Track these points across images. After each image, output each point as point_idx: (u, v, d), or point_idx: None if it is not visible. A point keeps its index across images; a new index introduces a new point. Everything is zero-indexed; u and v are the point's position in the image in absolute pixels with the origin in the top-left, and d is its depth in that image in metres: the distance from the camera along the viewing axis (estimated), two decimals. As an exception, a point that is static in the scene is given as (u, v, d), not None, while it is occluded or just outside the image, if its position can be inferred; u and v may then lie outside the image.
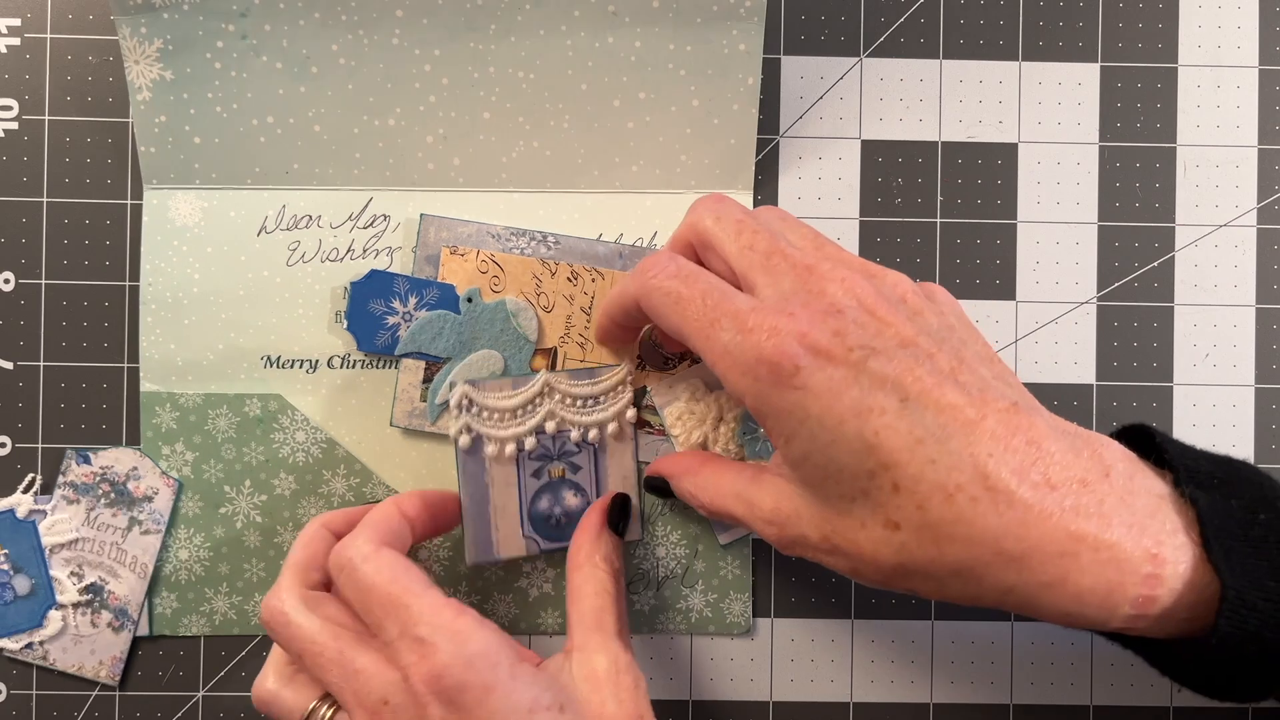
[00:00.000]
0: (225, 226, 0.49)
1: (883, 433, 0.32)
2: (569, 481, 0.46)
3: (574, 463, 0.46)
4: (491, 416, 0.45)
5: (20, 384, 0.50)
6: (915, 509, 0.32)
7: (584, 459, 0.46)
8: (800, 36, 0.51)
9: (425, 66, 0.48)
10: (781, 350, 0.34)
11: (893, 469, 0.32)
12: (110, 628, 0.50)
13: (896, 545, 0.33)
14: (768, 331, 0.34)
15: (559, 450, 0.46)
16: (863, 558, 0.34)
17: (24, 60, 0.50)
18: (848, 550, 0.35)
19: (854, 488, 0.33)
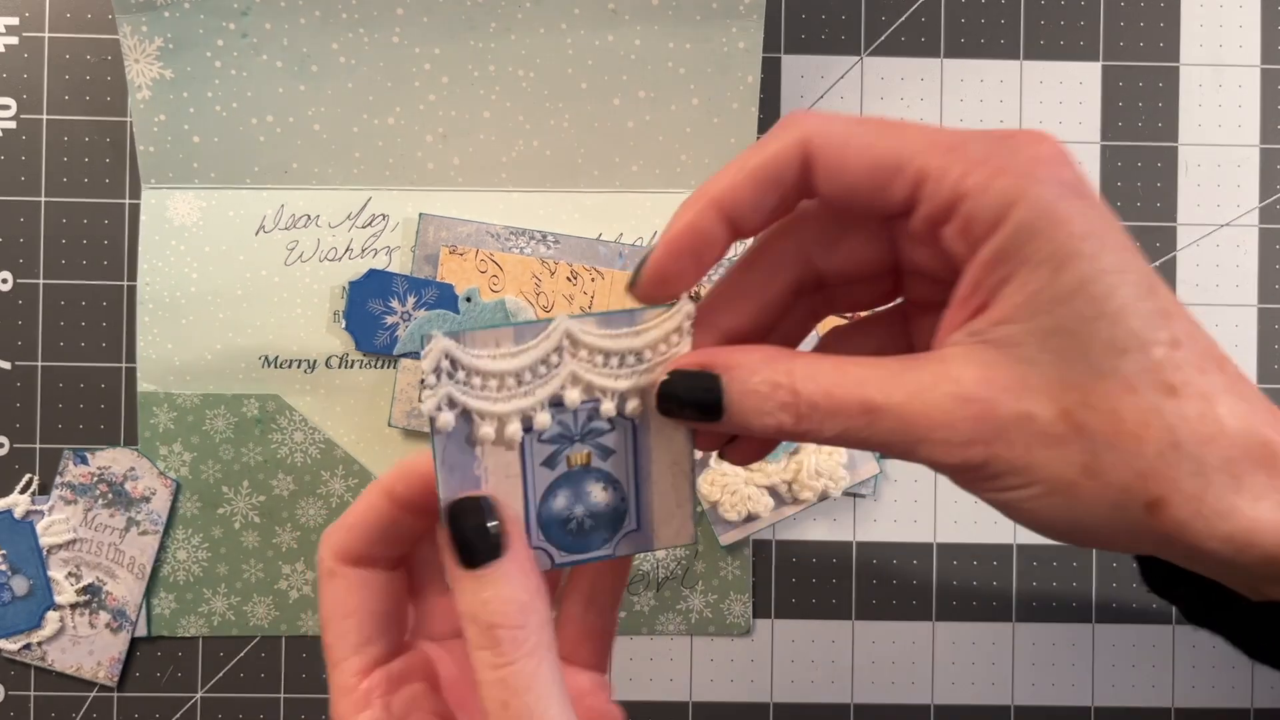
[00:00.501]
0: (224, 226, 0.49)
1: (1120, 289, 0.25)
2: (596, 470, 0.33)
3: (604, 445, 0.32)
4: (485, 384, 0.31)
5: (18, 384, 0.50)
6: (1197, 371, 0.25)
7: (618, 440, 0.32)
8: (801, 35, 0.51)
9: (425, 65, 0.48)
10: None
11: (1179, 315, 0.25)
12: (108, 628, 0.49)
13: (1174, 418, 0.25)
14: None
15: (583, 429, 0.32)
16: (1121, 435, 0.25)
17: (22, 59, 0.50)
18: (1099, 428, 0.25)
19: (1129, 337, 0.25)
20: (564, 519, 0.32)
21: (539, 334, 0.31)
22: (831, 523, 0.51)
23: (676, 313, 0.31)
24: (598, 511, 0.33)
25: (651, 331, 0.31)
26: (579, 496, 0.33)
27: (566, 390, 0.31)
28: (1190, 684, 0.51)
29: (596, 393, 0.32)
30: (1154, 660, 0.51)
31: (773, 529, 0.50)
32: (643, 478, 0.33)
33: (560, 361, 0.31)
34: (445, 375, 0.30)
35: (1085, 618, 0.51)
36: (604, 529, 0.33)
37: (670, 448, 0.33)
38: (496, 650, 0.28)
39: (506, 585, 0.28)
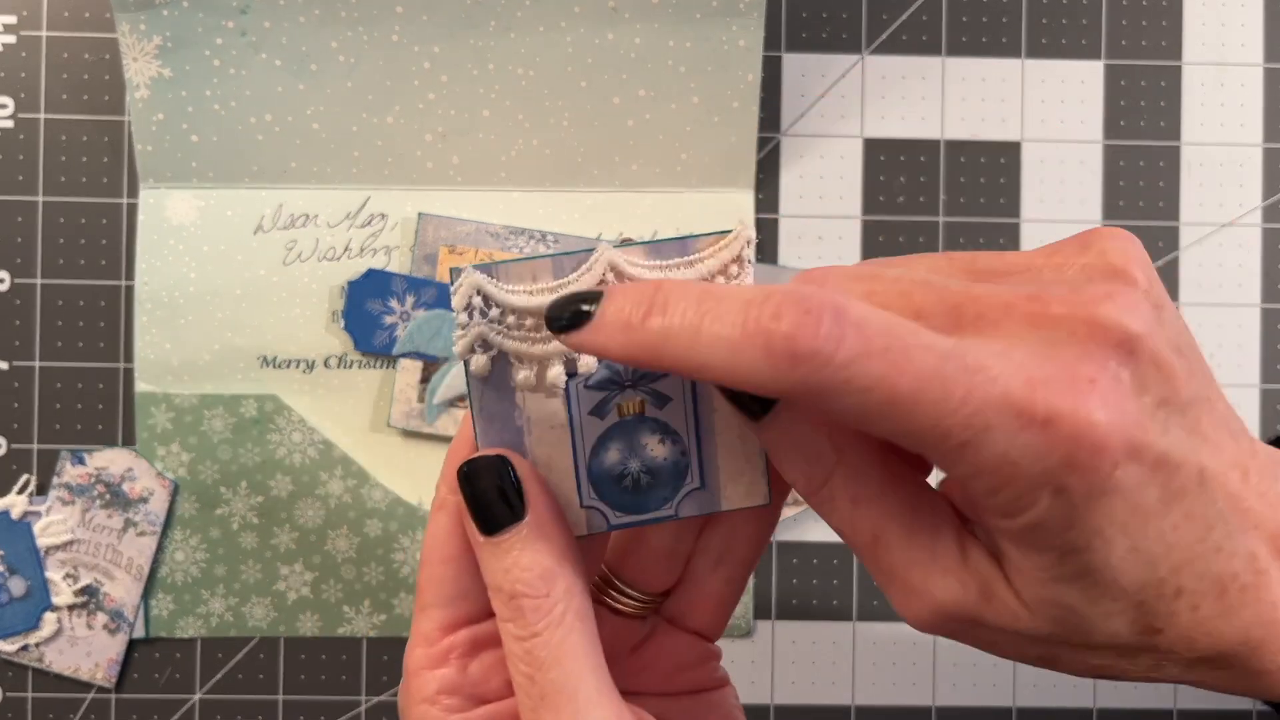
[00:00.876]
0: (222, 225, 0.49)
1: (1181, 526, 0.24)
2: (652, 420, 0.29)
3: (659, 391, 0.29)
4: (521, 323, 0.28)
5: (15, 384, 0.50)
6: (1188, 610, 0.24)
7: (674, 385, 0.29)
8: (801, 33, 0.51)
9: (425, 64, 0.48)
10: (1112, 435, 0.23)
11: (1182, 570, 0.24)
12: (106, 630, 0.49)
13: (1149, 651, 0.25)
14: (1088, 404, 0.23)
15: (633, 373, 0.29)
16: (1090, 659, 0.25)
17: (19, 58, 0.50)
18: (1066, 658, 0.25)
19: (1129, 602, 0.24)
20: (618, 474, 0.29)
21: (580, 266, 0.27)
22: (832, 523, 0.50)
23: (735, 239, 0.28)
24: (655, 466, 0.29)
25: (708, 261, 0.28)
26: (634, 449, 0.29)
27: None
28: (1193, 685, 0.50)
29: None
30: (1156, 662, 0.51)
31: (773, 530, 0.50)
32: (705, 429, 0.29)
33: None
34: (478, 313, 0.27)
35: (1087, 619, 0.51)
36: (664, 486, 0.29)
37: None
38: (520, 621, 0.26)
39: (527, 551, 0.26)
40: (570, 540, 0.27)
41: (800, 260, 0.50)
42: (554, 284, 0.27)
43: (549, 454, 0.29)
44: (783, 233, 0.50)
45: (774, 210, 0.50)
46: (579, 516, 0.29)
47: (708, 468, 0.29)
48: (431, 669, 0.28)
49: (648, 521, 0.29)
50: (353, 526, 0.49)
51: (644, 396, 0.29)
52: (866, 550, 0.25)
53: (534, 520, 0.26)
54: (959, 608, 0.25)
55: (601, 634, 0.29)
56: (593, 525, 0.29)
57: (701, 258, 0.28)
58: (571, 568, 0.26)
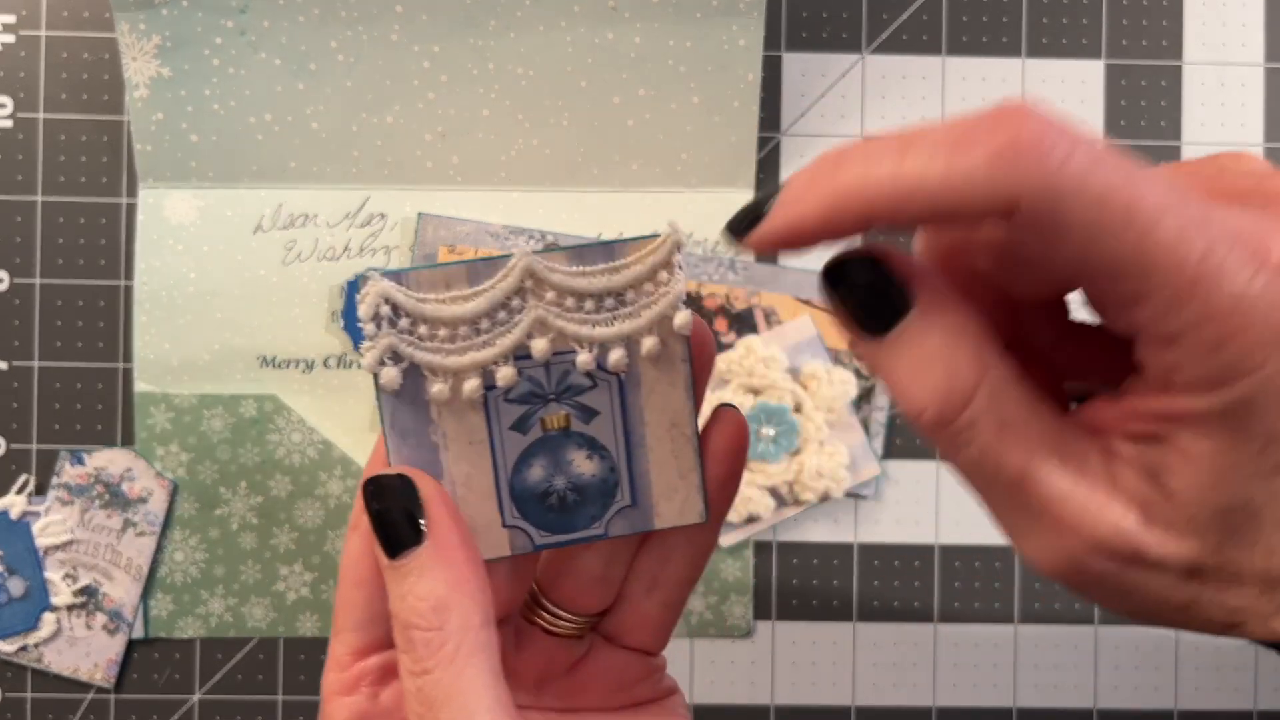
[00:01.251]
0: (221, 225, 0.49)
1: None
2: (578, 435, 0.27)
3: (585, 405, 0.27)
4: (434, 333, 0.26)
5: (14, 384, 0.50)
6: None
7: (601, 398, 0.27)
8: (802, 33, 0.51)
9: (424, 63, 0.48)
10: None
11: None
12: (105, 630, 0.49)
13: None
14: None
15: (558, 386, 0.27)
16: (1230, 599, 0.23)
17: (18, 57, 0.50)
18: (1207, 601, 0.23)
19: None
20: (543, 492, 0.27)
21: (497, 271, 0.26)
22: (833, 524, 0.50)
23: (663, 244, 0.26)
24: (582, 484, 0.27)
25: (634, 267, 0.26)
26: (559, 466, 0.27)
27: (533, 340, 0.26)
28: (1194, 685, 0.50)
29: (571, 343, 0.26)
30: (1157, 662, 0.50)
31: (774, 530, 0.50)
32: (635, 444, 0.28)
33: (524, 306, 0.26)
34: (386, 323, 0.25)
35: (1088, 619, 0.50)
36: (592, 504, 0.28)
37: (668, 407, 0.27)
38: (412, 655, 0.24)
39: (424, 579, 0.24)
40: (474, 569, 0.25)
41: (800, 260, 0.50)
42: (468, 291, 0.26)
43: (468, 471, 0.27)
44: (783, 232, 0.50)
45: (774, 210, 0.50)
46: (501, 537, 0.27)
47: (639, 484, 0.28)
48: (343, 695, 0.26)
49: (576, 541, 0.28)
50: (352, 527, 0.49)
51: (569, 410, 0.27)
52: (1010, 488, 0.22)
53: (433, 546, 0.24)
54: (1120, 539, 0.21)
55: (535, 653, 0.28)
56: (516, 546, 0.27)
57: (628, 263, 0.26)
58: (471, 599, 0.24)
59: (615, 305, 0.26)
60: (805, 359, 0.49)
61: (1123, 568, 0.22)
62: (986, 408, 0.21)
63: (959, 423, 0.21)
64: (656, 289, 0.26)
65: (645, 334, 0.26)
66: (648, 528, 0.28)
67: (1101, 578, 0.22)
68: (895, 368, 0.22)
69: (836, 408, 0.49)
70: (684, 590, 0.29)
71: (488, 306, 0.26)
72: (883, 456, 0.50)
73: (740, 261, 0.49)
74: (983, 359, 0.21)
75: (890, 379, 0.22)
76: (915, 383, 0.21)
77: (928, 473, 0.50)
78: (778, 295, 0.49)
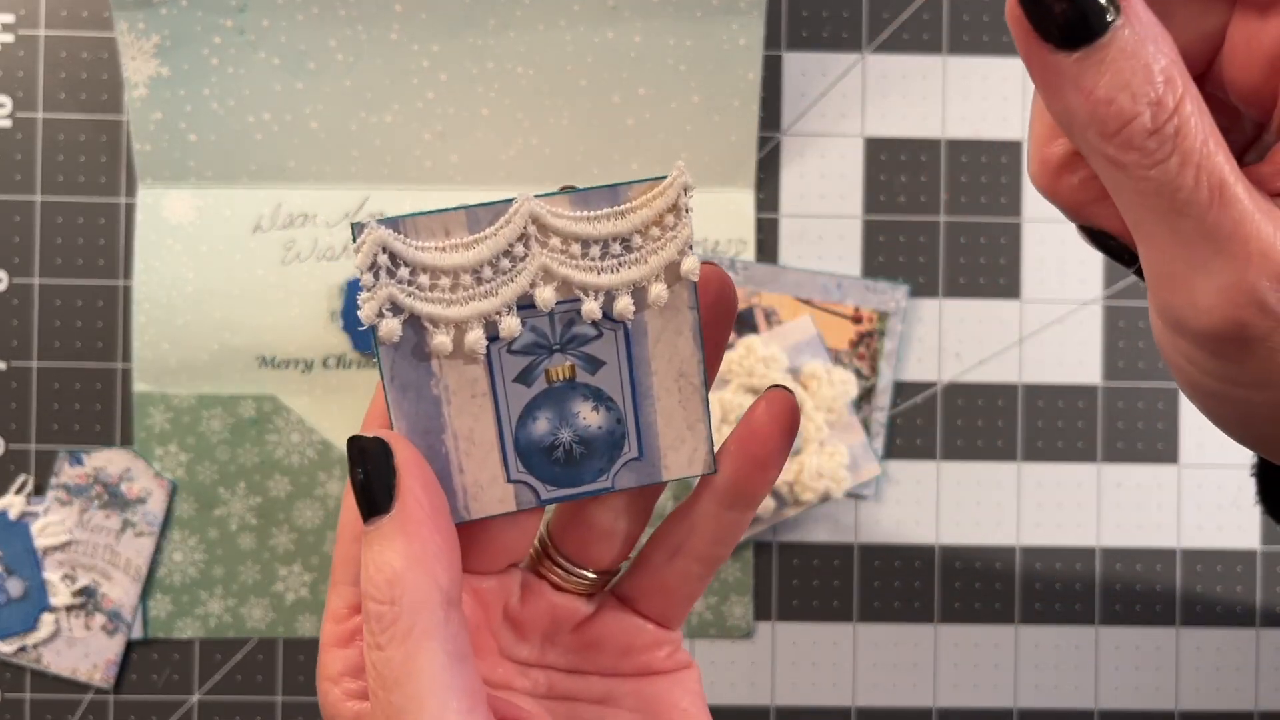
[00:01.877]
0: (220, 225, 0.49)
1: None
2: (584, 387, 0.27)
3: (590, 355, 0.27)
4: (435, 283, 0.25)
5: (13, 384, 0.50)
6: None
7: (607, 348, 0.27)
8: (802, 32, 0.51)
9: (424, 62, 0.48)
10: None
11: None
12: (104, 631, 0.49)
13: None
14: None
15: (562, 336, 0.26)
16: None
17: (17, 57, 0.50)
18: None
19: None
20: (548, 445, 0.27)
21: (497, 218, 0.25)
22: (833, 524, 0.50)
23: (670, 185, 0.25)
24: (589, 436, 0.27)
25: (641, 211, 0.25)
26: (564, 418, 0.27)
27: (537, 289, 0.25)
28: (1194, 686, 0.50)
29: (576, 291, 0.26)
30: (1158, 662, 0.50)
31: (774, 530, 0.50)
32: (642, 395, 0.27)
33: (527, 253, 0.25)
34: (385, 273, 0.24)
35: (1089, 620, 0.50)
36: (598, 457, 0.27)
37: (675, 356, 0.27)
38: (368, 627, 0.23)
39: (386, 549, 0.23)
40: (440, 545, 0.24)
41: (800, 260, 0.50)
42: (469, 239, 0.25)
43: (470, 425, 0.26)
44: (783, 232, 0.50)
45: (774, 210, 0.50)
46: (506, 492, 0.27)
47: (646, 436, 0.27)
48: (338, 647, 0.26)
49: (582, 495, 0.27)
50: (351, 527, 0.49)
51: (574, 361, 0.26)
52: (1205, 204, 0.21)
53: (398, 516, 0.24)
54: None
55: (541, 607, 0.28)
56: (521, 501, 0.27)
57: (634, 207, 0.25)
58: (429, 577, 0.23)
59: (622, 251, 0.26)
60: (805, 359, 0.49)
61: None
62: (1193, 111, 0.21)
63: (1166, 129, 0.21)
64: (664, 234, 0.26)
65: (653, 280, 0.26)
66: (655, 480, 0.27)
67: (1269, 330, 0.21)
68: (1100, 79, 0.21)
69: (837, 408, 0.49)
70: (707, 566, 0.28)
71: (490, 254, 0.25)
72: (883, 456, 0.50)
73: (740, 261, 0.49)
74: (1183, 67, 0.21)
75: (1093, 93, 0.21)
76: (1124, 91, 0.21)
77: (928, 473, 0.50)
78: (778, 295, 0.49)
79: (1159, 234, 0.21)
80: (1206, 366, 0.22)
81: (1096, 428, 0.51)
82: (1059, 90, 0.22)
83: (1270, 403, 0.22)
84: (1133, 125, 0.21)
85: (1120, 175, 0.21)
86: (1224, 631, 0.50)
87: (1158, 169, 0.21)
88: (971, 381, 0.50)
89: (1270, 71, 0.22)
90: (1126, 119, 0.21)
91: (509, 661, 0.28)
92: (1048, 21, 0.21)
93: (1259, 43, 0.22)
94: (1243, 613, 0.50)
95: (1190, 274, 0.21)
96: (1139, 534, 0.51)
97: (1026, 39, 0.21)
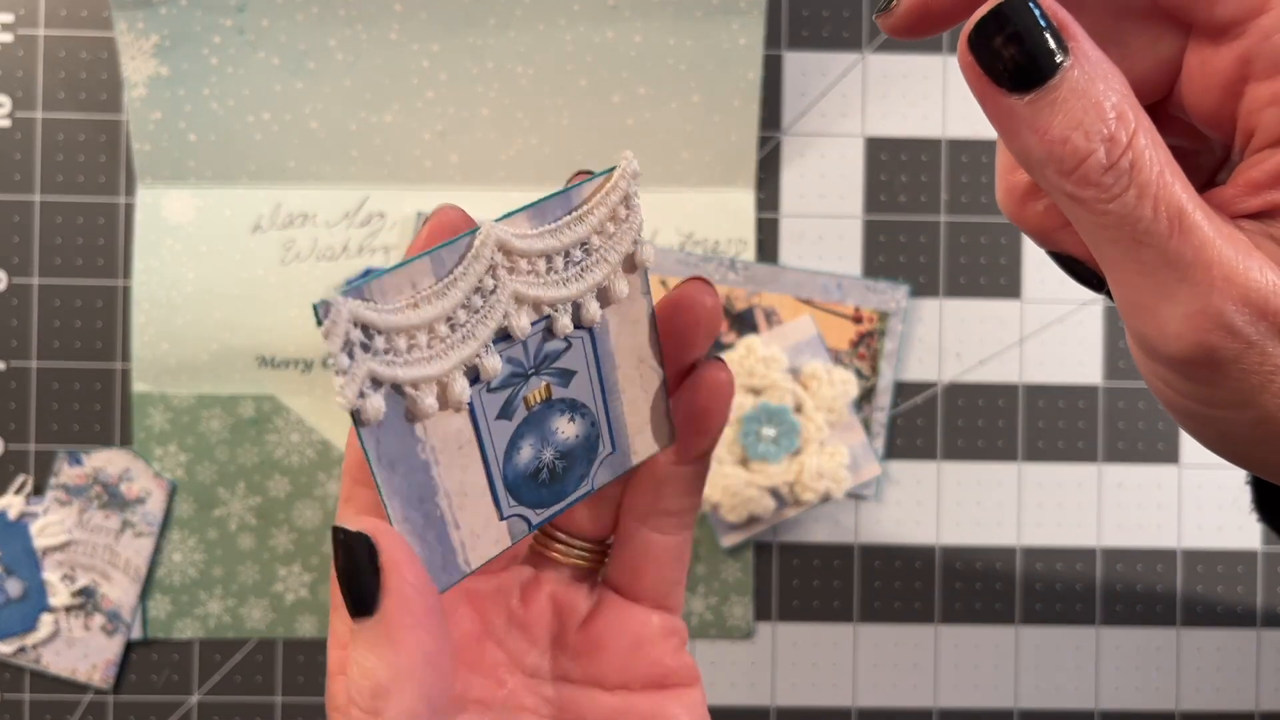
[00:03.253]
0: (219, 225, 0.49)
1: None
2: (559, 402, 0.26)
3: (562, 369, 0.26)
4: (412, 342, 0.23)
5: (12, 384, 0.50)
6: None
7: (577, 356, 0.26)
8: (802, 32, 0.50)
9: (423, 62, 0.48)
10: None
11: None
12: (103, 631, 0.49)
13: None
14: None
15: (537, 358, 0.25)
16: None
17: (16, 56, 0.50)
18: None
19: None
20: (534, 471, 0.26)
21: (463, 257, 0.23)
22: (834, 525, 0.50)
23: (620, 176, 0.25)
24: (569, 448, 0.26)
25: (596, 211, 0.25)
26: (545, 439, 0.26)
27: (512, 319, 0.24)
28: (1195, 686, 0.50)
29: (545, 308, 0.25)
30: (1158, 663, 0.50)
31: (774, 531, 0.50)
32: (609, 390, 0.27)
33: (496, 284, 0.24)
34: (359, 349, 0.22)
35: (1089, 620, 0.50)
36: (579, 464, 0.27)
37: (635, 344, 0.27)
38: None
39: (368, 655, 0.23)
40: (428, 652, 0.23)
41: (800, 259, 0.50)
42: (438, 285, 0.23)
43: (460, 478, 0.25)
44: (783, 232, 0.50)
45: (775, 209, 0.50)
46: (500, 531, 0.26)
47: (616, 429, 0.27)
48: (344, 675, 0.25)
49: (569, 504, 0.27)
50: (351, 527, 0.49)
51: (548, 379, 0.26)
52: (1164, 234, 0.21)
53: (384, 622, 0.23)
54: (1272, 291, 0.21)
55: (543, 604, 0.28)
56: (515, 534, 0.26)
57: (589, 208, 0.25)
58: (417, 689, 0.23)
59: (583, 256, 0.25)
60: (805, 359, 0.49)
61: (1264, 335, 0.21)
62: (1147, 144, 0.21)
63: (1121, 164, 0.21)
64: (618, 227, 0.25)
65: (614, 278, 0.26)
66: (627, 468, 0.27)
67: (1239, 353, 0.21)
68: (1053, 119, 0.21)
69: (837, 408, 0.49)
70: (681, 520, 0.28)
71: (463, 296, 0.23)
72: (883, 457, 0.50)
73: (740, 261, 0.49)
74: (1134, 101, 0.22)
75: (1048, 132, 0.22)
76: (1078, 130, 0.21)
77: (928, 473, 0.50)
78: (778, 295, 0.49)
79: (1123, 265, 0.22)
80: (1183, 390, 0.23)
81: (1097, 428, 0.50)
82: (1015, 131, 0.22)
83: (1247, 421, 0.22)
84: (1088, 162, 0.21)
85: (1080, 210, 0.22)
86: (1225, 632, 0.50)
87: (1116, 202, 0.21)
88: (972, 381, 0.50)
89: (1226, 96, 0.23)
90: (1082, 156, 0.21)
91: (519, 675, 0.28)
92: (998, 66, 0.22)
93: (1213, 69, 0.23)
94: (1243, 613, 0.50)
95: (1157, 302, 0.22)
96: (1140, 534, 0.51)
97: (979, 83, 0.22)
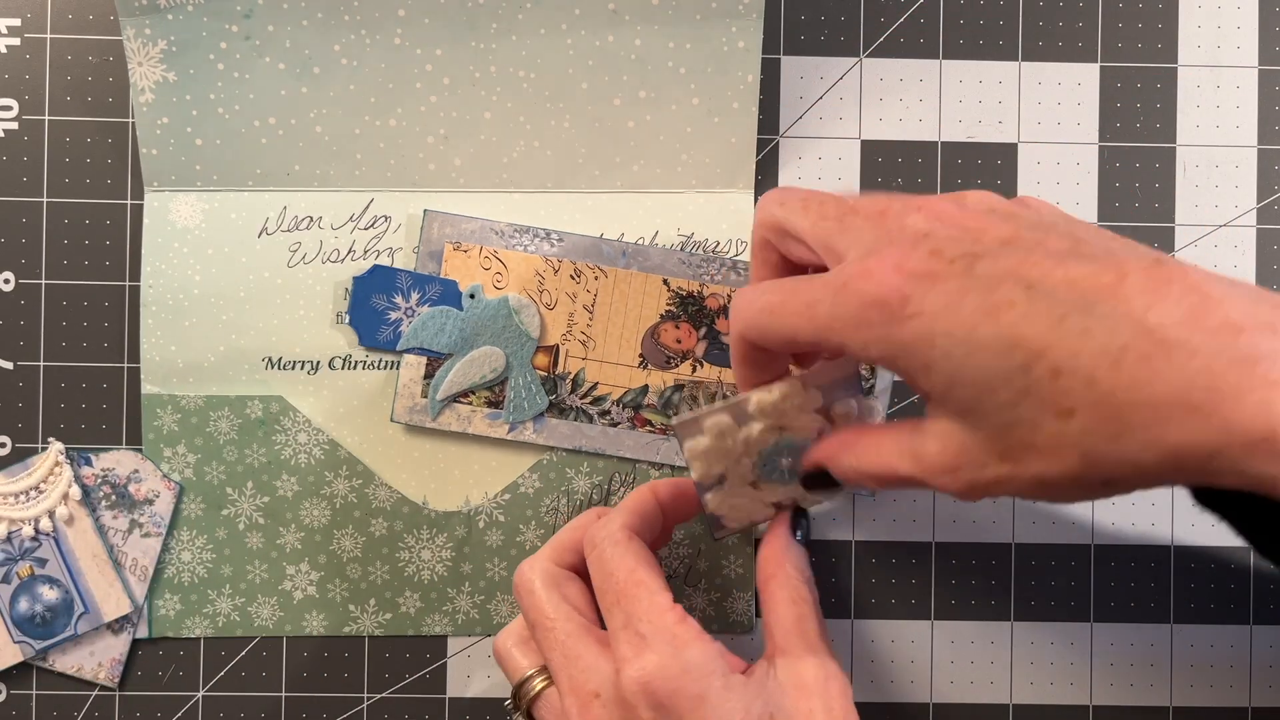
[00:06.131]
0: (226, 228, 0.49)
1: (1019, 323, 0.29)
2: (42, 577, 0.47)
3: (39, 557, 0.47)
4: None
5: (20, 384, 0.50)
6: (1084, 385, 0.29)
7: (48, 550, 0.47)
8: (800, 36, 0.51)
9: (427, 66, 0.48)
10: (882, 286, 0.31)
11: (1045, 354, 0.29)
12: (110, 629, 0.49)
13: (1076, 434, 0.29)
14: (860, 276, 0.32)
15: (20, 549, 0.47)
16: (1048, 465, 0.30)
17: (24, 60, 0.50)
18: (1031, 464, 0.30)
19: (1013, 391, 0.30)
20: (30, 618, 0.49)
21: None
22: (831, 521, 0.51)
23: (45, 459, 0.45)
24: (53, 605, 0.49)
25: (38, 471, 0.49)
26: (35, 599, 0.48)
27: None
28: (1188, 683, 0.51)
29: (15, 524, 0.47)
30: (1152, 659, 0.51)
31: (774, 528, 0.50)
32: (76, 570, 0.48)
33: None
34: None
35: (1083, 616, 0.51)
36: (62, 619, 0.48)
37: (86, 541, 0.49)
38: None
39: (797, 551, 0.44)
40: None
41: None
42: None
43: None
44: (782, 234, 0.50)
45: (774, 211, 0.50)
46: (15, 649, 0.49)
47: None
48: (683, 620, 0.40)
49: (60, 641, 0.48)
50: (358, 526, 0.50)
51: (31, 564, 0.48)
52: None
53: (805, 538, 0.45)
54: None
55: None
56: (28, 654, 0.50)
57: (34, 469, 0.49)
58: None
59: (38, 493, 0.50)
60: (839, 394, 0.49)
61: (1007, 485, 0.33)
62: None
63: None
64: (56, 478, 0.50)
65: (59, 505, 0.50)
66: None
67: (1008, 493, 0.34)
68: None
69: (836, 407, 0.49)
70: None
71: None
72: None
73: (740, 262, 0.49)
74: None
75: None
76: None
77: (926, 471, 0.50)
78: (777, 296, 0.50)
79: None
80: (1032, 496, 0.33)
81: (1091, 426, 0.51)
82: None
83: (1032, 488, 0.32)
84: None
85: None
86: (1218, 628, 0.51)
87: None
88: (968, 381, 0.51)
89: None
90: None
91: None
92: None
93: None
94: (1237, 609, 0.51)
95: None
96: (1133, 531, 0.51)
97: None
